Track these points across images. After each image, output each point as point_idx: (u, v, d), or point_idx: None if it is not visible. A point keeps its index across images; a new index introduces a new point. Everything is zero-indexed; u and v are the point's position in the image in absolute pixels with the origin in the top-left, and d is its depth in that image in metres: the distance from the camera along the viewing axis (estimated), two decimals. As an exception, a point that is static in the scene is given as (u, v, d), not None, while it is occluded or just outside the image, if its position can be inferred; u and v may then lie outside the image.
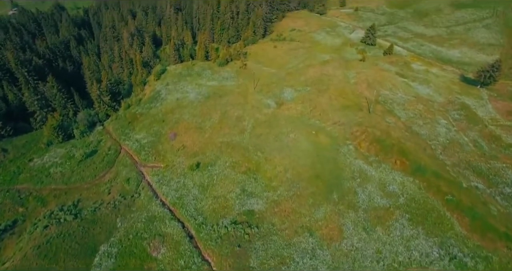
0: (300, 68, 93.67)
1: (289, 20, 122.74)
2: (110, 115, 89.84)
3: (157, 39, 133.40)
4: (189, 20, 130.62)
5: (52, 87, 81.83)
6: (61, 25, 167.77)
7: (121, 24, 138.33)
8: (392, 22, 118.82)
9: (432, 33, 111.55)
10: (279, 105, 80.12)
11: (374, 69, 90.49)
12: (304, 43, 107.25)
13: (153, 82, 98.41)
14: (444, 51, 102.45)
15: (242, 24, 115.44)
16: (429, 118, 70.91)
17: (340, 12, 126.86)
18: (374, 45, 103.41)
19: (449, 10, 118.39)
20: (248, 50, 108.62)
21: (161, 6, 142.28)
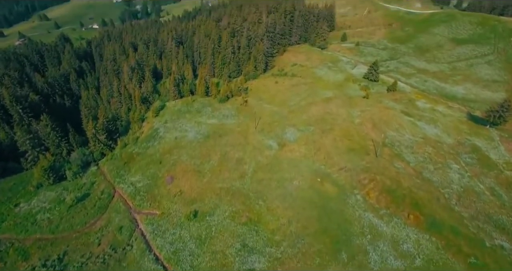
0: (303, 106, 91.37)
1: (290, 55, 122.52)
2: (105, 154, 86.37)
3: (157, 72, 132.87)
4: (190, 53, 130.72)
5: (46, 126, 78.97)
6: (64, 56, 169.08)
7: (122, 57, 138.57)
8: (394, 57, 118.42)
9: (435, 69, 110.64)
10: (282, 147, 76.82)
11: (379, 107, 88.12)
12: (306, 78, 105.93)
13: (151, 119, 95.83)
14: (448, 87, 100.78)
15: (243, 58, 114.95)
16: (440, 163, 67.26)
17: (341, 47, 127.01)
18: (377, 82, 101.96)
19: (450, 46, 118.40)
20: (249, 85, 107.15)
21: (162, 39, 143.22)
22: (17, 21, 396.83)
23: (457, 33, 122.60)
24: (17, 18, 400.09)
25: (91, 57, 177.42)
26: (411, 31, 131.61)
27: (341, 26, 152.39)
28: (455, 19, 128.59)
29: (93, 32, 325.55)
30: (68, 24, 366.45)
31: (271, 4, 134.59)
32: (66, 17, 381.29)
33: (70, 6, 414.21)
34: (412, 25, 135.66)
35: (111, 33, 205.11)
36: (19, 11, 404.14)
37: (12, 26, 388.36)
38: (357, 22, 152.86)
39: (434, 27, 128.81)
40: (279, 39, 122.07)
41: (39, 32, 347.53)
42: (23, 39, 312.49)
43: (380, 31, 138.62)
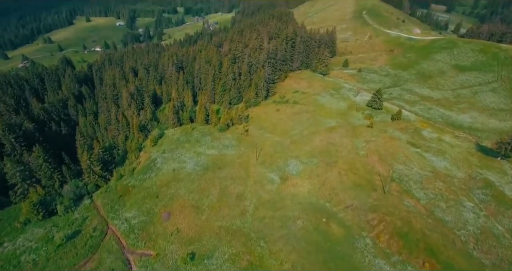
0: (305, 136, 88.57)
1: (292, 81, 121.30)
2: (100, 186, 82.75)
3: (157, 98, 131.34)
4: (191, 79, 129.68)
5: (38, 157, 75.85)
6: (64, 80, 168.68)
7: (121, 82, 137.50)
8: (396, 84, 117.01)
9: (439, 96, 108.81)
10: (284, 181, 73.29)
11: (384, 137, 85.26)
12: (308, 106, 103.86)
13: (149, 148, 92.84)
14: (453, 115, 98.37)
15: (244, 85, 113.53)
16: (452, 200, 63.46)
17: (343, 73, 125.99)
18: (381, 110, 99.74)
19: (453, 72, 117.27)
20: (250, 112, 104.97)
21: (163, 64, 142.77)
22: (22, 44, 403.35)
23: (459, 60, 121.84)
24: (23, 40, 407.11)
25: (91, 81, 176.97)
26: (413, 57, 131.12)
27: (342, 52, 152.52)
28: (457, 46, 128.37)
29: (95, 54, 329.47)
30: (71, 47, 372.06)
31: (273, 30, 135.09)
32: (70, 40, 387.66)
33: (74, 29, 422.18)
34: (414, 51, 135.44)
35: (112, 57, 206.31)
36: (24, 34, 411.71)
37: (17, 48, 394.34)
38: (358, 47, 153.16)
39: (435, 53, 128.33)
40: (280, 65, 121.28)
41: (43, 55, 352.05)
42: (26, 62, 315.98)
43: (381, 57, 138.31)
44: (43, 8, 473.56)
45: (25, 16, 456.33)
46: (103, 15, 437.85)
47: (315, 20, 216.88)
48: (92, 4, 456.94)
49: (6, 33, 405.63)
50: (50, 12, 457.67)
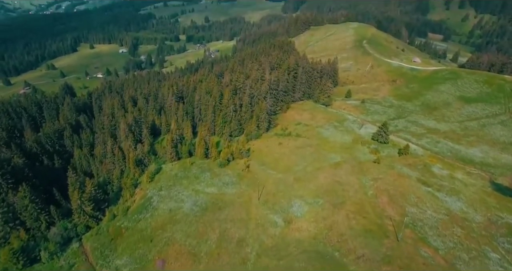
0: (309, 172, 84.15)
1: (294, 112, 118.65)
2: (91, 227, 77.22)
3: (156, 128, 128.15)
4: (191, 109, 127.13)
5: (24, 197, 70.95)
6: (63, 109, 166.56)
7: (120, 112, 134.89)
8: (401, 116, 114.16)
9: (445, 128, 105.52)
10: (288, 224, 68.06)
11: (392, 175, 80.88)
12: (311, 139, 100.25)
13: (145, 184, 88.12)
14: (462, 149, 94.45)
15: (245, 117, 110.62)
16: (474, 250, 57.97)
17: (346, 104, 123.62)
18: (387, 144, 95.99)
19: (458, 104, 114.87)
20: (251, 146, 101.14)
21: (163, 94, 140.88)
22: (26, 70, 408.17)
23: (464, 91, 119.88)
24: (27, 67, 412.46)
25: (90, 110, 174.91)
26: (416, 88, 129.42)
27: (344, 82, 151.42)
28: (460, 77, 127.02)
29: (97, 81, 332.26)
30: (74, 73, 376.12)
31: (274, 61, 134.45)
32: (73, 66, 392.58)
33: (77, 55, 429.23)
34: (417, 82, 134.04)
35: (113, 85, 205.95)
36: (29, 61, 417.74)
37: (20, 74, 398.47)
38: (360, 77, 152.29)
39: (439, 84, 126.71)
40: (282, 96, 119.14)
41: (45, 81, 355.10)
42: (27, 88, 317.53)
43: (384, 87, 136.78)
44: (48, 36, 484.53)
45: (31, 43, 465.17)
46: (107, 42, 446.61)
47: (316, 49, 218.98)
48: (96, 32, 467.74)
49: (11, 60, 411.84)
50: (55, 40, 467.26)
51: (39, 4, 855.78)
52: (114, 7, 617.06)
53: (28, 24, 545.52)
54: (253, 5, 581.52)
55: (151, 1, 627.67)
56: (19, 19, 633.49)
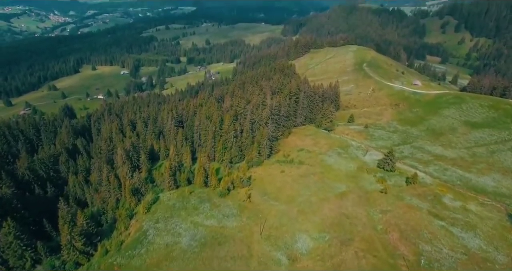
0: (314, 203, 79.92)
1: (296, 138, 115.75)
2: (81, 264, 72.02)
3: (154, 153, 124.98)
4: (190, 134, 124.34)
5: (8, 233, 66.33)
6: (61, 131, 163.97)
7: (118, 136, 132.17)
8: (406, 142, 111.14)
9: (453, 155, 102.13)
10: (293, 262, 63.18)
11: (402, 206, 76.67)
12: (314, 167, 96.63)
13: (141, 216, 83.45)
14: (473, 178, 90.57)
15: (246, 143, 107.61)
16: (497, 295, 52.96)
17: (349, 129, 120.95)
18: (393, 172, 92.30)
19: (465, 129, 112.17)
20: (252, 173, 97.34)
21: (162, 118, 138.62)
22: (28, 91, 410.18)
23: (469, 116, 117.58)
24: (29, 88, 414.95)
25: (89, 132, 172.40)
26: (420, 112, 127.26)
27: (346, 105, 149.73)
28: (465, 102, 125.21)
29: (97, 102, 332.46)
30: (75, 94, 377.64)
31: (275, 85, 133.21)
32: (74, 88, 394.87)
33: (79, 77, 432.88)
34: (420, 106, 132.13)
35: (113, 107, 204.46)
36: (31, 82, 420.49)
37: (22, 95, 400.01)
38: (362, 101, 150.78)
39: (443, 109, 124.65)
40: (284, 121, 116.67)
41: (46, 102, 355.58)
42: (28, 109, 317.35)
43: (387, 111, 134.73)
44: (52, 57, 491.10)
45: (34, 64, 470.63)
46: (109, 64, 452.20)
47: (316, 72, 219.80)
48: (99, 54, 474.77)
49: (14, 81, 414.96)
50: (58, 61, 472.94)
51: (45, 27, 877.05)
52: (117, 30, 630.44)
53: (33, 46, 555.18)
54: (253, 28, 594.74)
55: (153, 24, 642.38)
56: (25, 41, 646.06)
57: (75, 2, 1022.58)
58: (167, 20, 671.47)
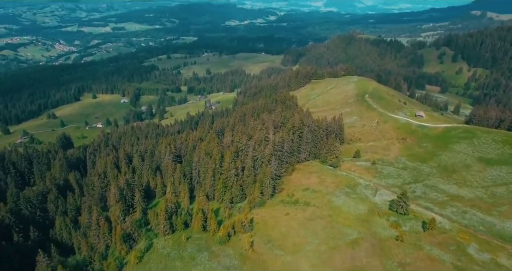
0: (323, 253, 72.15)
1: (300, 175, 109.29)
2: None
3: (150, 191, 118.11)
4: (188, 170, 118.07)
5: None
6: (54, 165, 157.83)
7: (113, 172, 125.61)
8: (418, 180, 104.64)
9: (470, 195, 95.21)
10: None
11: (422, 258, 68.89)
12: (321, 209, 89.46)
13: (132, 266, 75.26)
14: (496, 222, 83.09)
15: (247, 181, 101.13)
16: None
17: (356, 166, 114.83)
18: (407, 215, 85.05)
19: (479, 166, 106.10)
20: (255, 216, 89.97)
21: (159, 152, 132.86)
22: (27, 119, 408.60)
23: (483, 152, 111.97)
24: (28, 116, 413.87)
25: (84, 165, 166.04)
26: (430, 147, 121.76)
27: (351, 139, 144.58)
28: (476, 136, 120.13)
29: (96, 131, 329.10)
30: (74, 123, 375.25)
31: (278, 119, 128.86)
32: (73, 116, 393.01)
33: (79, 105, 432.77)
34: (429, 140, 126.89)
35: (110, 138, 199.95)
36: (31, 110, 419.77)
37: (21, 123, 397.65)
38: (367, 134, 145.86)
39: (454, 144, 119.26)
40: (287, 157, 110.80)
41: (44, 130, 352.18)
42: (25, 137, 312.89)
43: (394, 146, 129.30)
44: (54, 85, 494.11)
45: (36, 92, 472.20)
46: (109, 92, 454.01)
47: (318, 103, 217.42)
48: (100, 82, 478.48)
49: (14, 109, 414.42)
50: (59, 89, 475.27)
51: (50, 55, 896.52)
52: (120, 59, 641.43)
53: (36, 74, 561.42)
54: (253, 58, 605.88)
55: (155, 54, 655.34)
56: (29, 69, 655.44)
57: (81, 32, 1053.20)
58: (169, 50, 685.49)
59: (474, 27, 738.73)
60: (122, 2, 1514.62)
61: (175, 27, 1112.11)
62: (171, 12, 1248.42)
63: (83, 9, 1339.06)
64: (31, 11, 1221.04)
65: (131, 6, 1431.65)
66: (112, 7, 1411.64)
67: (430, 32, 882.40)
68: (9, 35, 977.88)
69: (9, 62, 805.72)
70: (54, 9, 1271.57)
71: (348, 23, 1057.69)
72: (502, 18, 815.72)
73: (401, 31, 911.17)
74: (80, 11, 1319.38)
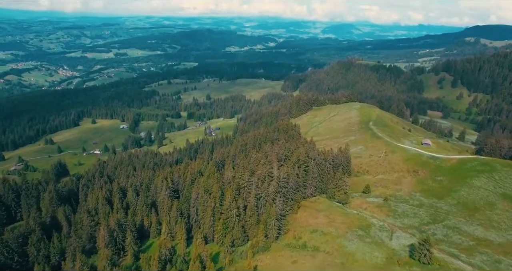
0: (340, 315, 61.99)
1: (307, 214, 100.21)
2: None
3: (144, 230, 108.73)
4: (186, 207, 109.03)
5: None
6: (43, 197, 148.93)
7: (105, 208, 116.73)
8: (437, 219, 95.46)
9: (500, 239, 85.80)
10: None
11: None
12: (333, 256, 79.98)
13: None
14: (534, 274, 73.29)
15: (250, 222, 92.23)
16: None
17: (367, 203, 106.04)
18: (431, 265, 75.44)
19: (505, 205, 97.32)
20: (258, 263, 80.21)
21: (156, 185, 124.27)
22: (25, 144, 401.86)
23: (506, 188, 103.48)
24: (25, 141, 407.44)
25: (76, 198, 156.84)
26: (446, 182, 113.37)
27: (358, 171, 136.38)
28: (495, 170, 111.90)
29: (93, 157, 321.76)
30: (71, 148, 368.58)
31: (282, 151, 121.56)
32: (71, 142, 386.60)
33: (77, 130, 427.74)
34: (443, 173, 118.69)
35: (105, 167, 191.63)
36: (29, 135, 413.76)
37: (18, 148, 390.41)
38: (375, 166, 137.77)
39: (472, 178, 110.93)
40: (292, 194, 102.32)
41: (40, 156, 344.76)
42: (19, 164, 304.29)
43: (406, 179, 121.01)
44: (54, 110, 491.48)
45: (35, 117, 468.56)
46: (109, 117, 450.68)
47: (321, 131, 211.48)
48: (100, 107, 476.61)
49: (11, 134, 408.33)
50: (59, 114, 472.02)
51: (53, 80, 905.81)
52: (121, 84, 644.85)
53: (37, 99, 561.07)
54: (253, 84, 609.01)
55: (156, 79, 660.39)
56: (30, 94, 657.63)
57: (84, 58, 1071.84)
58: (169, 75, 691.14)
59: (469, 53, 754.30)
60: (125, 29, 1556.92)
61: (176, 53, 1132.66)
62: (173, 38, 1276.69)
63: (87, 35, 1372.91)
64: (38, 38, 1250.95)
65: (134, 33, 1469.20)
66: (115, 33, 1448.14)
67: (427, 57, 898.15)
68: (15, 60, 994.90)
69: (12, 87, 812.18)
70: (60, 36, 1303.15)
71: (346, 49, 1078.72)
72: (496, 45, 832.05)
73: (398, 56, 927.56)
74: (84, 38, 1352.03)
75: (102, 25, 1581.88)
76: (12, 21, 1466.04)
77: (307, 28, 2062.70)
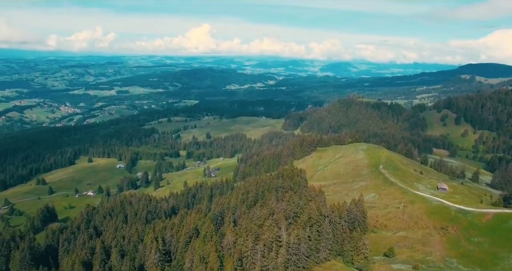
0: None
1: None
2: None
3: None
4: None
5: None
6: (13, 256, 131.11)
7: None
8: (483, 297, 78.64)
9: None
10: None
11: None
12: None
13: None
14: None
15: (254, 302, 75.17)
16: None
17: (392, 269, 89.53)
18: None
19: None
20: None
21: (145, 245, 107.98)
22: (15, 184, 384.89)
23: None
24: (17, 181, 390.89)
25: (56, 255, 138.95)
26: (486, 244, 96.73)
27: (374, 225, 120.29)
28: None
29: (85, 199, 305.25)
30: (63, 189, 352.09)
31: (290, 208, 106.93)
32: (64, 182, 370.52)
33: (72, 169, 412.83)
34: (480, 233, 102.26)
35: (93, 217, 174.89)
36: (21, 174, 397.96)
37: (7, 189, 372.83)
38: (393, 219, 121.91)
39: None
40: (304, 261, 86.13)
41: (29, 198, 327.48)
42: (5, 208, 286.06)
43: (434, 238, 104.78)
44: (50, 148, 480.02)
45: (31, 155, 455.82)
46: (106, 156, 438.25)
47: (327, 174, 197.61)
48: (98, 145, 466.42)
49: (3, 174, 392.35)
50: (55, 152, 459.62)
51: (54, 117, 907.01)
52: (121, 121, 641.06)
53: (35, 136, 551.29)
54: (254, 122, 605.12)
55: (156, 116, 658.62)
56: (30, 131, 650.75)
57: (87, 95, 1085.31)
58: (170, 113, 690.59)
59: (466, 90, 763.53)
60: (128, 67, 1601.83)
61: (177, 90, 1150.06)
62: (174, 76, 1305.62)
63: (91, 73, 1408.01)
64: (43, 76, 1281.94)
65: (137, 71, 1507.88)
66: (119, 72, 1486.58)
67: (425, 94, 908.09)
68: (18, 98, 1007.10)
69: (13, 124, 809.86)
70: (64, 74, 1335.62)
71: (345, 87, 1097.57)
72: (491, 82, 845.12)
73: (397, 94, 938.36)
74: (88, 76, 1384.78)
75: (106, 63, 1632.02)
76: (21, 60, 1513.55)
77: (305, 66, 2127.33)
